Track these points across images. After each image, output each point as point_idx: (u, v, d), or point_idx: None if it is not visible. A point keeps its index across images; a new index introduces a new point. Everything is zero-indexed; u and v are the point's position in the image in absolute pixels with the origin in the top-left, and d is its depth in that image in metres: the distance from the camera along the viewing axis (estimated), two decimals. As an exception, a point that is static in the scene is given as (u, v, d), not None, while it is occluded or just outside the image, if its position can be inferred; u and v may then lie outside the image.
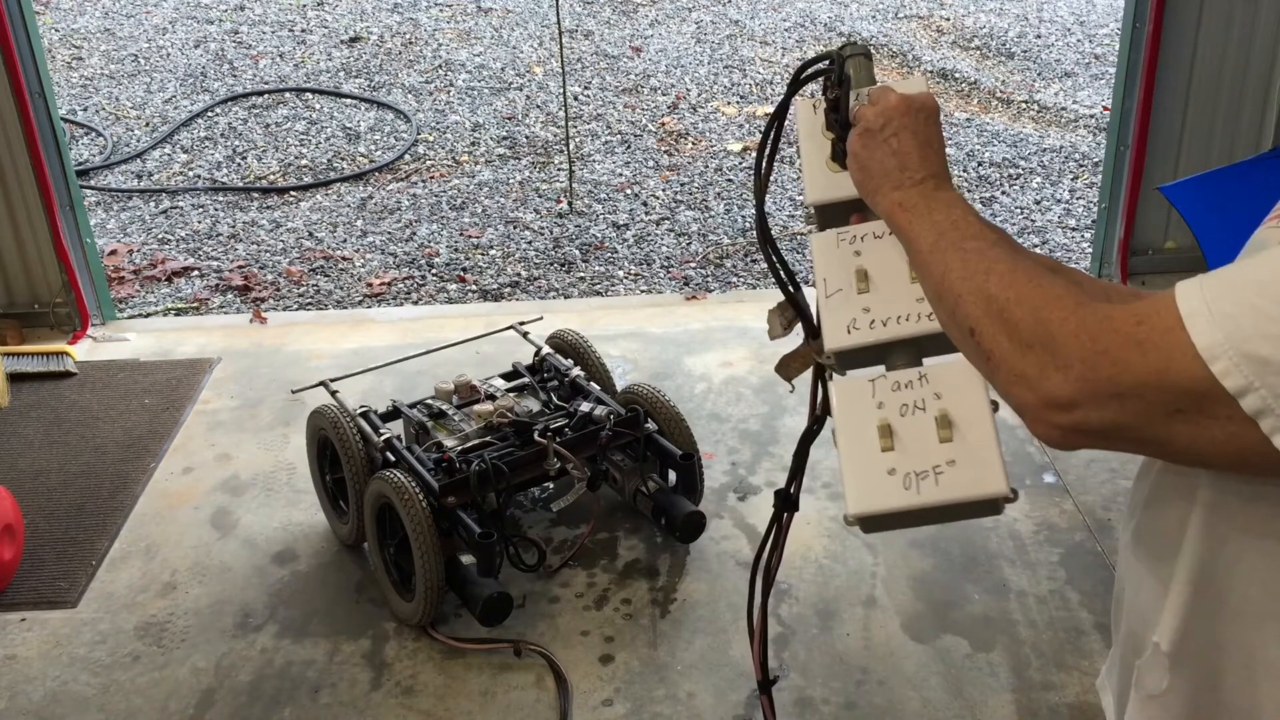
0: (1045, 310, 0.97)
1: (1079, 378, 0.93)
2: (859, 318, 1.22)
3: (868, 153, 1.21)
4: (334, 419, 3.05)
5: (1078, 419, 0.94)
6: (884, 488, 1.13)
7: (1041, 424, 0.97)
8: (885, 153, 1.19)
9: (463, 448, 2.94)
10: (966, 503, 1.13)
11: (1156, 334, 0.90)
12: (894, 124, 1.19)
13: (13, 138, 4.01)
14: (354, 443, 3.00)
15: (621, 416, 3.02)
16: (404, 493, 2.74)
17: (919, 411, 1.15)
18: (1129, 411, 0.92)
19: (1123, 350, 0.91)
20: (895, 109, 1.20)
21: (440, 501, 2.76)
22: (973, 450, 1.12)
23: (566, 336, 3.42)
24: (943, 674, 2.71)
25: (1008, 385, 0.99)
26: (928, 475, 1.12)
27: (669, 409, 3.10)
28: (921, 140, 1.19)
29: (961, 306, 1.04)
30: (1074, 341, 0.94)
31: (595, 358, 3.35)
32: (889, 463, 1.14)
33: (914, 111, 1.20)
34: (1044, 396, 0.95)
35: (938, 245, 1.09)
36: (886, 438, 1.14)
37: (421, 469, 2.85)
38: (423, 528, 2.71)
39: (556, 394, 3.17)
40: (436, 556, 2.72)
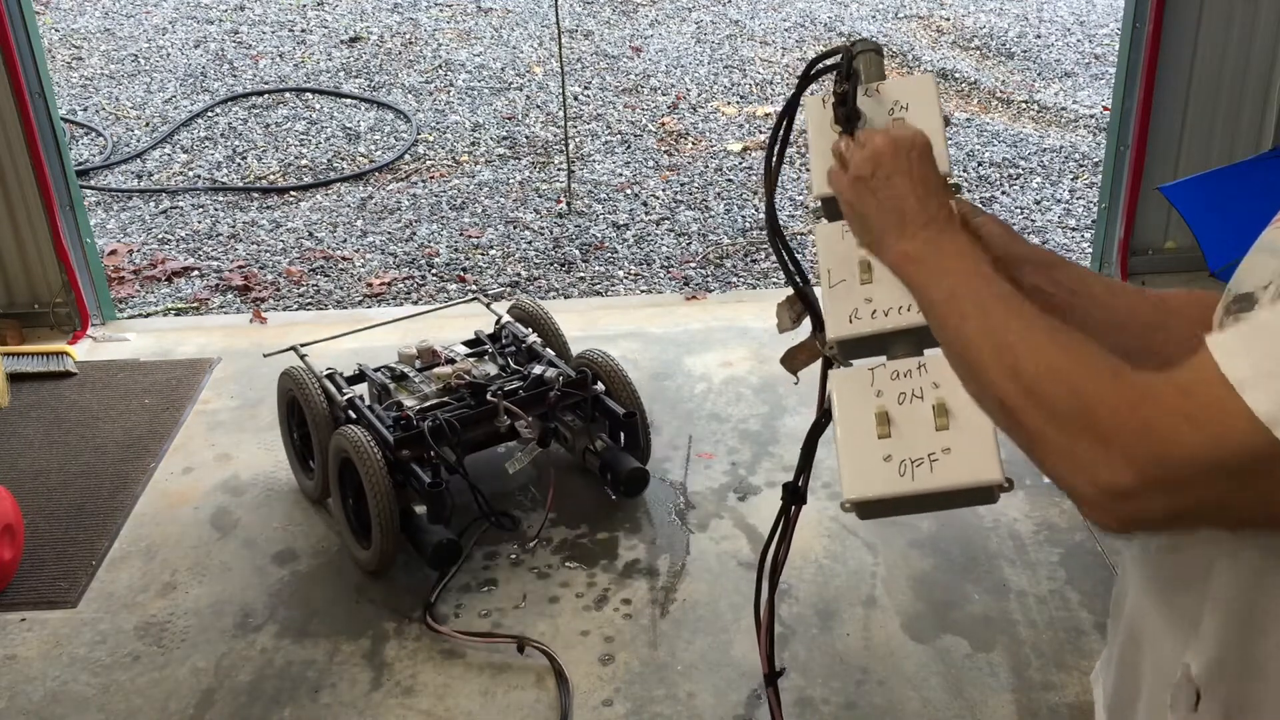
0: (1081, 383, 0.91)
1: (1132, 462, 0.87)
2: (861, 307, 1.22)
3: (862, 202, 1.14)
4: (300, 380, 3.26)
5: (1139, 507, 0.88)
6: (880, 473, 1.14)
7: (1099, 512, 0.91)
8: (881, 202, 1.13)
9: (420, 407, 3.14)
10: (961, 490, 1.14)
11: (1207, 406, 0.85)
12: (885, 168, 1.13)
13: (13, 138, 4.01)
14: (318, 401, 3.20)
15: (570, 378, 3.22)
16: (361, 447, 2.92)
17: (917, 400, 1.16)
18: (1191, 491, 0.87)
19: (1174, 428, 0.86)
20: (884, 153, 1.14)
21: (395, 455, 2.95)
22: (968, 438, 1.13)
23: (526, 307, 3.61)
24: (943, 674, 2.71)
25: (1056, 471, 0.93)
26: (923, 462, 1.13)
27: (618, 373, 3.30)
28: (917, 183, 1.12)
29: (987, 376, 0.98)
30: (1119, 422, 0.87)
31: (553, 327, 3.54)
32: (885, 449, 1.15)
33: (904, 153, 1.14)
34: (1100, 485, 0.88)
35: (952, 304, 1.04)
36: (884, 425, 1.15)
37: (380, 425, 3.03)
38: (377, 479, 2.89)
39: (514, 359, 3.36)
40: (391, 506, 2.90)
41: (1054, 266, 1.23)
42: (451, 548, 2.92)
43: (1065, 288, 1.21)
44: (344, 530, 3.11)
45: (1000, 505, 3.20)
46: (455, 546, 2.93)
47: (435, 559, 2.92)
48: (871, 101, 1.30)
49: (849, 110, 1.27)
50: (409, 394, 3.22)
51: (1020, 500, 3.25)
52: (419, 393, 3.22)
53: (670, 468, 3.45)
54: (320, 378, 3.27)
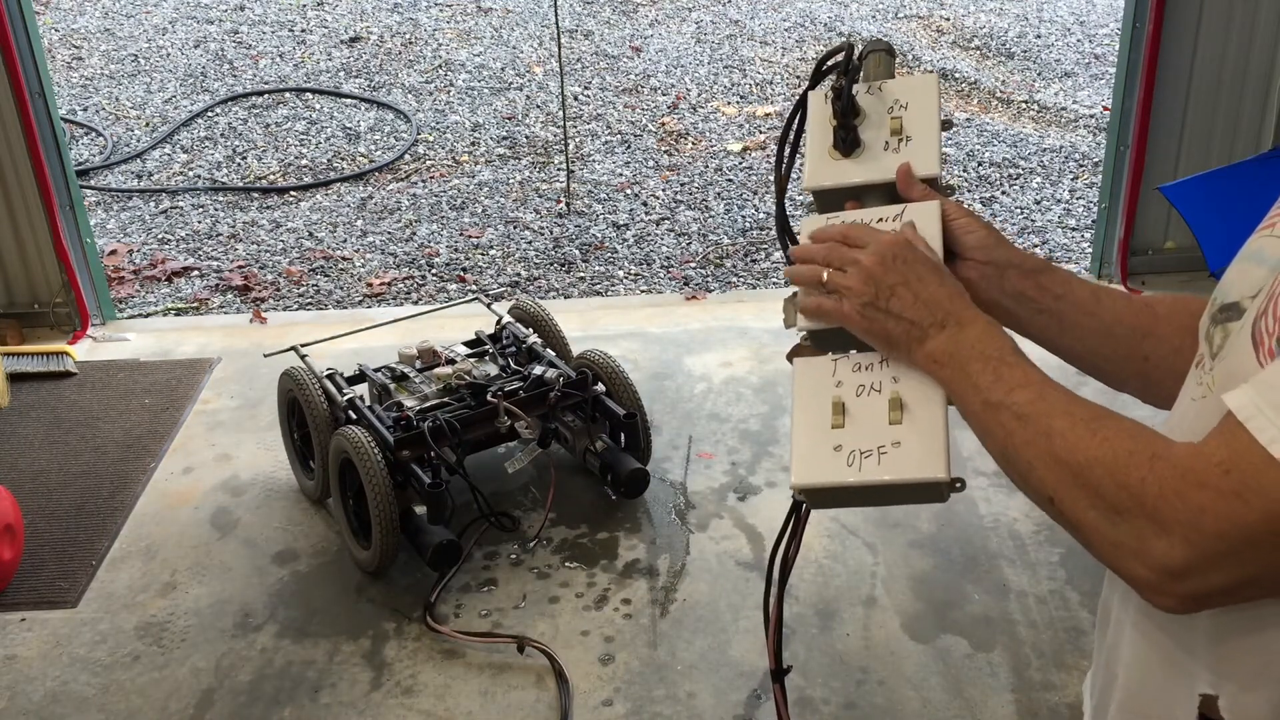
0: (1123, 472, 0.92)
1: (1184, 541, 0.88)
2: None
3: (880, 325, 1.14)
4: (301, 380, 3.25)
5: (1198, 585, 0.90)
6: (828, 462, 1.14)
7: (1161, 595, 0.92)
8: (894, 318, 1.13)
9: (421, 407, 3.14)
10: (907, 484, 1.13)
11: (1250, 478, 0.86)
12: (885, 288, 1.13)
13: (13, 138, 4.01)
14: (319, 402, 3.20)
15: (571, 379, 3.21)
16: (361, 447, 2.92)
17: (874, 393, 1.16)
18: (1247, 563, 0.88)
19: (1222, 505, 0.87)
20: (874, 274, 1.13)
21: (395, 455, 2.95)
22: (919, 434, 1.13)
23: (527, 307, 3.60)
24: (943, 674, 2.71)
25: (1112, 559, 0.94)
26: (871, 454, 1.13)
27: (618, 373, 3.30)
28: (916, 288, 1.12)
29: (1035, 474, 1.00)
30: (1166, 505, 0.89)
31: (554, 327, 3.54)
32: (837, 439, 1.15)
33: (893, 263, 1.13)
34: (1156, 568, 0.90)
35: (989, 407, 1.05)
36: (839, 415, 1.16)
37: (380, 426, 3.03)
38: (378, 480, 2.89)
39: (514, 359, 3.35)
40: (391, 507, 2.90)
41: (1040, 272, 1.22)
42: (451, 548, 2.93)
43: (1051, 293, 1.21)
44: (344, 530, 3.12)
45: (1000, 505, 3.21)
46: (455, 547, 2.94)
47: (435, 559, 2.92)
48: (872, 99, 1.30)
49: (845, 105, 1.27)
50: (409, 394, 3.23)
51: (1020, 500, 3.25)
52: (419, 393, 3.22)
53: (670, 468, 3.45)
54: (320, 378, 3.27)
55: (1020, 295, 1.21)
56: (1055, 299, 1.21)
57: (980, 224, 1.23)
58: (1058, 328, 1.22)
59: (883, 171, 1.27)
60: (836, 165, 1.30)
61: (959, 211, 1.23)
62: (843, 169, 1.29)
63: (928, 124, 1.27)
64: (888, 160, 1.27)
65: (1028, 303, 1.21)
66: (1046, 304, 1.21)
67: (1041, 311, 1.21)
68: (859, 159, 1.28)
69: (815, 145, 1.31)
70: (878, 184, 1.27)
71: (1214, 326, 1.02)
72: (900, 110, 1.29)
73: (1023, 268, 1.21)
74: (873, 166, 1.28)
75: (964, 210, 1.24)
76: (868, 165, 1.28)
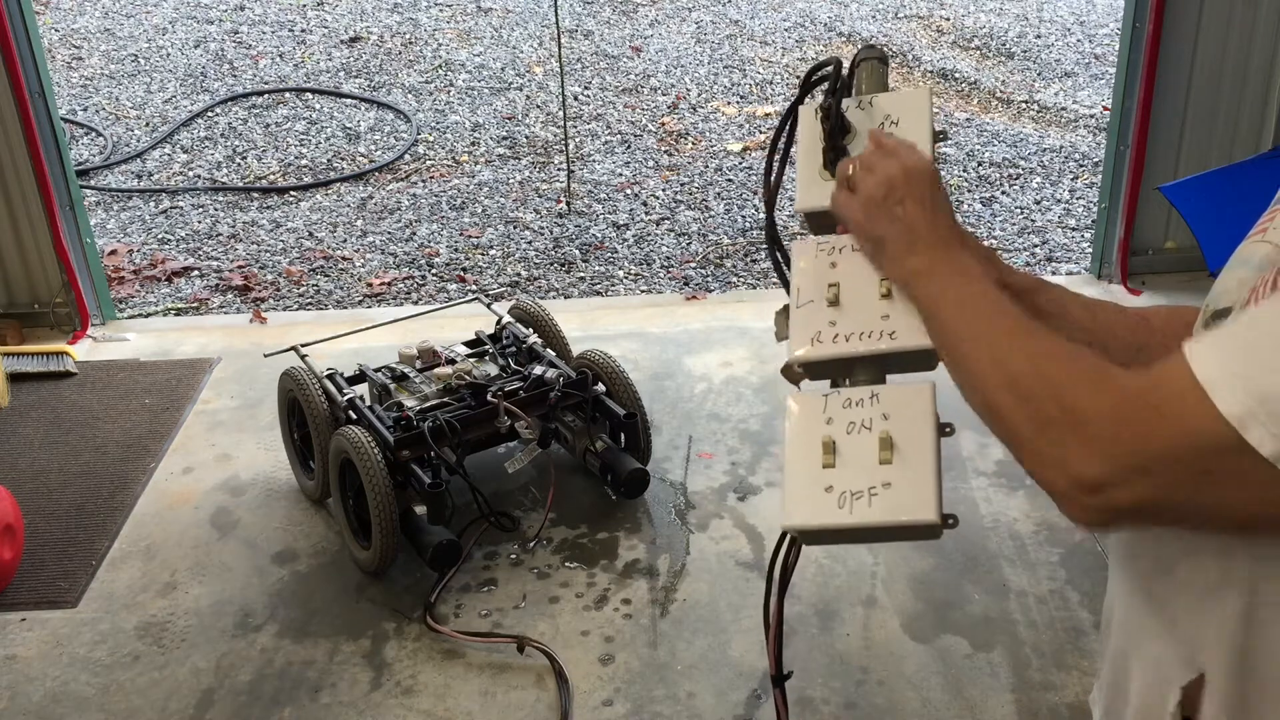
0: (1064, 388, 0.96)
1: (1103, 453, 0.92)
2: (824, 330, 1.21)
3: (874, 224, 1.18)
4: (301, 380, 3.25)
5: (1110, 498, 0.92)
6: (819, 503, 1.13)
7: (1074, 506, 0.95)
8: (894, 224, 1.16)
9: (421, 407, 3.14)
10: (898, 526, 1.13)
11: (1174, 399, 0.89)
12: (897, 192, 1.17)
13: (13, 138, 4.01)
14: (319, 402, 3.20)
15: (571, 379, 3.21)
16: (361, 447, 2.92)
17: (865, 431, 1.15)
18: (1158, 484, 0.91)
19: (1143, 419, 0.90)
20: (894, 178, 1.17)
21: (395, 455, 2.96)
22: (909, 475, 1.12)
23: (527, 307, 3.60)
24: (943, 674, 2.71)
25: (1033, 467, 0.98)
26: (862, 495, 1.13)
27: (618, 373, 3.30)
28: (927, 207, 1.16)
29: (980, 382, 1.03)
30: (1094, 417, 0.93)
31: (554, 327, 3.53)
32: (828, 479, 1.14)
33: (915, 178, 1.17)
34: (1072, 478, 0.94)
35: (955, 317, 1.09)
36: (829, 454, 1.15)
37: (380, 425, 3.03)
38: (378, 480, 2.89)
39: (514, 360, 3.35)
40: (391, 507, 2.90)
41: (1035, 291, 1.23)
42: (451, 548, 2.93)
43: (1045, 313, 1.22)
44: (344, 530, 3.12)
45: (1000, 505, 3.22)
46: (455, 547, 2.94)
47: (435, 559, 2.92)
48: (864, 114, 1.28)
49: (833, 125, 1.26)
50: (409, 394, 3.22)
51: (1020, 500, 3.25)
52: (419, 393, 3.22)
53: (670, 468, 3.45)
54: (321, 378, 3.27)
55: None
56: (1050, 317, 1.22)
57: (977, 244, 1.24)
58: None
59: None
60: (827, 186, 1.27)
61: None
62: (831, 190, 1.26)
63: (920, 139, 1.25)
64: None
65: None
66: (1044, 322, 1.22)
67: None
68: None
69: (805, 164, 1.30)
70: None
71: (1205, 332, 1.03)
72: (891, 127, 1.27)
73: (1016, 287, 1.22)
74: None
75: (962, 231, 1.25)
76: None
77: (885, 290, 1.20)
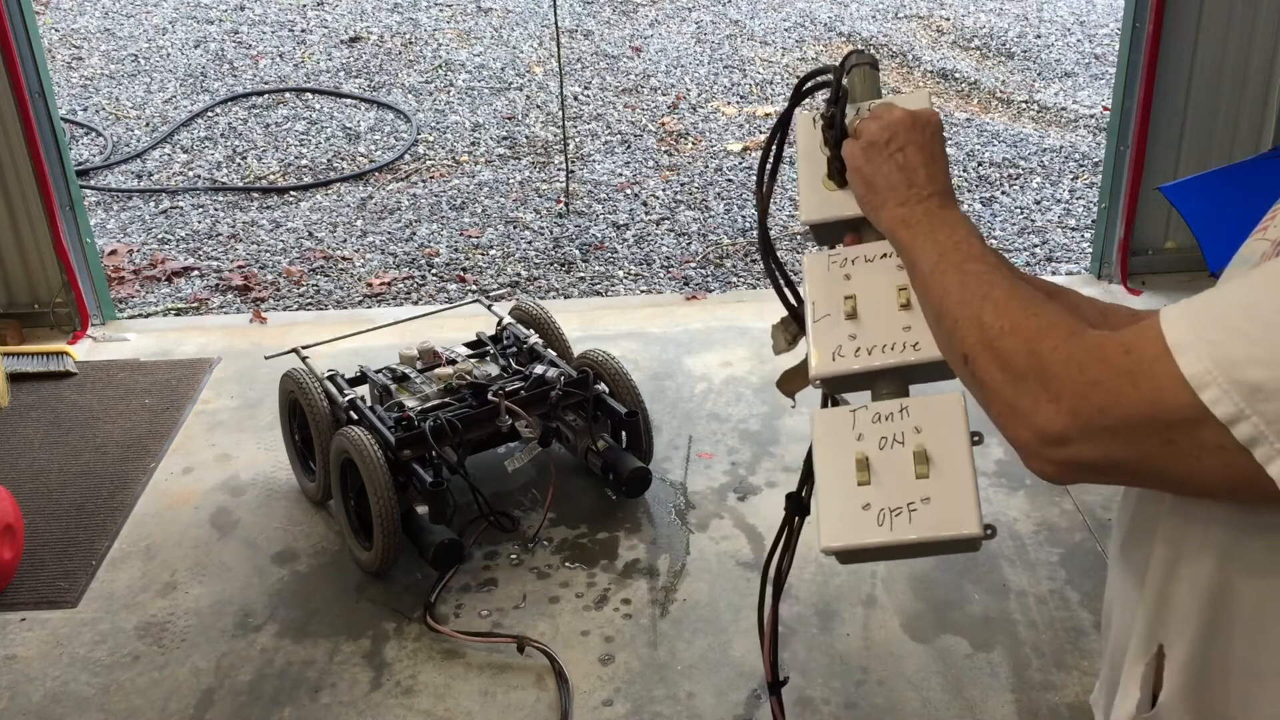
0: (1037, 341, 0.96)
1: (1070, 410, 0.92)
2: (844, 345, 1.20)
3: (872, 167, 1.18)
4: (302, 381, 3.25)
5: (1072, 454, 0.93)
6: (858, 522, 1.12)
7: (1036, 459, 0.96)
8: (891, 167, 1.17)
9: (422, 407, 3.13)
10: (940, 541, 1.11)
11: (1145, 363, 0.89)
12: (900, 138, 1.17)
13: (13, 138, 4.01)
14: (320, 403, 3.19)
15: (572, 378, 3.21)
16: (362, 448, 2.92)
17: (898, 445, 1.13)
18: (1122, 444, 0.91)
19: (1113, 380, 0.91)
20: (900, 123, 1.18)
21: (397, 455, 2.95)
22: (948, 488, 1.10)
23: (528, 308, 3.61)
24: (943, 674, 2.71)
25: (1000, 418, 0.98)
26: (901, 512, 1.11)
27: (619, 373, 3.29)
28: (928, 156, 1.17)
29: (957, 332, 1.04)
30: (1064, 373, 0.93)
31: (555, 328, 3.53)
32: (865, 497, 1.12)
33: (920, 126, 1.18)
34: (1036, 431, 0.94)
35: (938, 266, 1.09)
36: (864, 471, 1.13)
37: (381, 426, 3.02)
38: (379, 480, 2.89)
39: (515, 360, 3.34)
40: (393, 507, 2.89)
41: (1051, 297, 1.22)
42: (454, 547, 2.92)
43: None
44: (345, 531, 3.11)
45: (1000, 505, 3.21)
46: (457, 546, 2.94)
47: (438, 559, 2.92)
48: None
49: (837, 134, 1.24)
50: (410, 395, 3.22)
51: (1020, 500, 3.25)
52: (420, 393, 3.22)
53: (670, 468, 3.45)
54: (322, 379, 3.27)
55: None
56: None
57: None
58: None
59: None
60: (832, 197, 1.26)
61: None
62: (839, 200, 1.26)
63: None
64: None
65: None
66: None
67: None
68: None
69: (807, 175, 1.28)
70: None
71: None
72: None
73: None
74: None
75: None
76: None
77: (904, 300, 1.19)
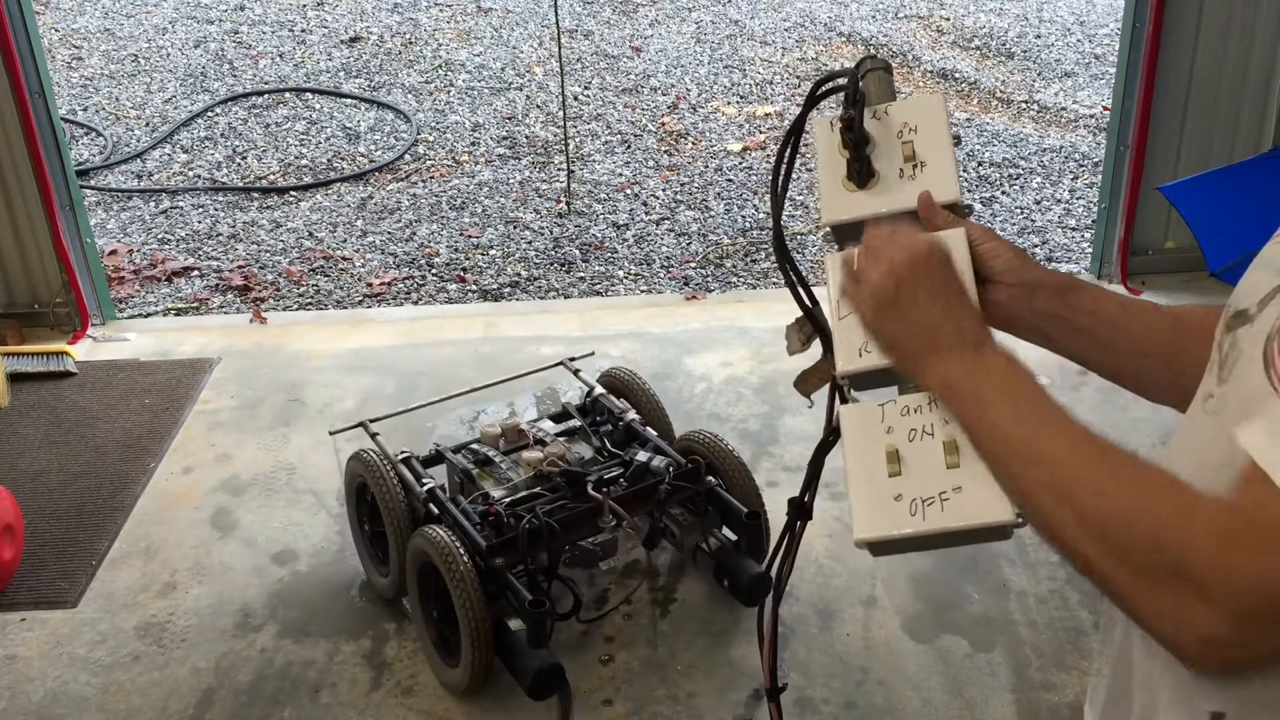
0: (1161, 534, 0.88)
1: (1226, 610, 0.84)
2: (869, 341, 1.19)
3: (888, 327, 1.09)
4: (374, 466, 2.86)
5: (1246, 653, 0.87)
6: (891, 513, 1.12)
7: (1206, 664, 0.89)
8: (908, 325, 1.08)
9: (511, 499, 2.76)
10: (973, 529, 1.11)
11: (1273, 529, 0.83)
12: (908, 287, 1.07)
13: (13, 138, 4.00)
14: (395, 493, 2.82)
15: (681, 468, 2.81)
16: (448, 553, 2.56)
17: (927, 437, 1.13)
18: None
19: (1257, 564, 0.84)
20: (903, 268, 1.08)
21: (487, 561, 2.58)
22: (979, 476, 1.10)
23: (620, 375, 3.24)
24: (943, 674, 2.71)
25: (1149, 623, 0.90)
26: (934, 501, 1.11)
27: (732, 458, 2.92)
28: (942, 298, 1.07)
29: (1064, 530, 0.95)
30: (1206, 570, 0.85)
31: (650, 398, 3.17)
32: (896, 488, 1.13)
33: (924, 266, 1.08)
34: (1200, 637, 0.86)
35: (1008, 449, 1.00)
36: (894, 463, 1.13)
37: (467, 524, 2.67)
38: (468, 591, 2.53)
39: (610, 439, 2.99)
40: (484, 622, 2.54)
41: (1069, 290, 1.19)
42: (555, 674, 2.52)
43: (1082, 311, 1.19)
44: (424, 644, 2.77)
45: (1000, 505, 3.21)
46: (559, 672, 2.53)
47: (536, 688, 2.51)
48: (879, 124, 1.26)
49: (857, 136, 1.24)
50: (495, 482, 2.84)
51: (1020, 500, 3.24)
52: (507, 481, 2.83)
53: (670, 468, 3.44)
54: (395, 462, 2.88)
55: (1051, 315, 1.19)
56: (1086, 316, 1.19)
57: (1006, 246, 1.22)
58: (1090, 345, 1.20)
59: (902, 201, 1.23)
60: (852, 197, 1.26)
61: (984, 235, 1.21)
62: (859, 201, 1.26)
63: (941, 146, 1.24)
64: (906, 189, 1.24)
65: (1060, 322, 1.19)
66: (1080, 323, 1.19)
67: (1075, 330, 1.19)
68: (875, 190, 1.25)
69: (828, 177, 1.28)
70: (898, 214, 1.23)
71: (1225, 334, 1.01)
72: (910, 134, 1.25)
73: (1053, 287, 1.19)
74: (891, 197, 1.24)
75: (989, 233, 1.22)
76: (885, 196, 1.25)
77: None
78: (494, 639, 2.57)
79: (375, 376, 3.87)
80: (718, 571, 2.81)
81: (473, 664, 2.57)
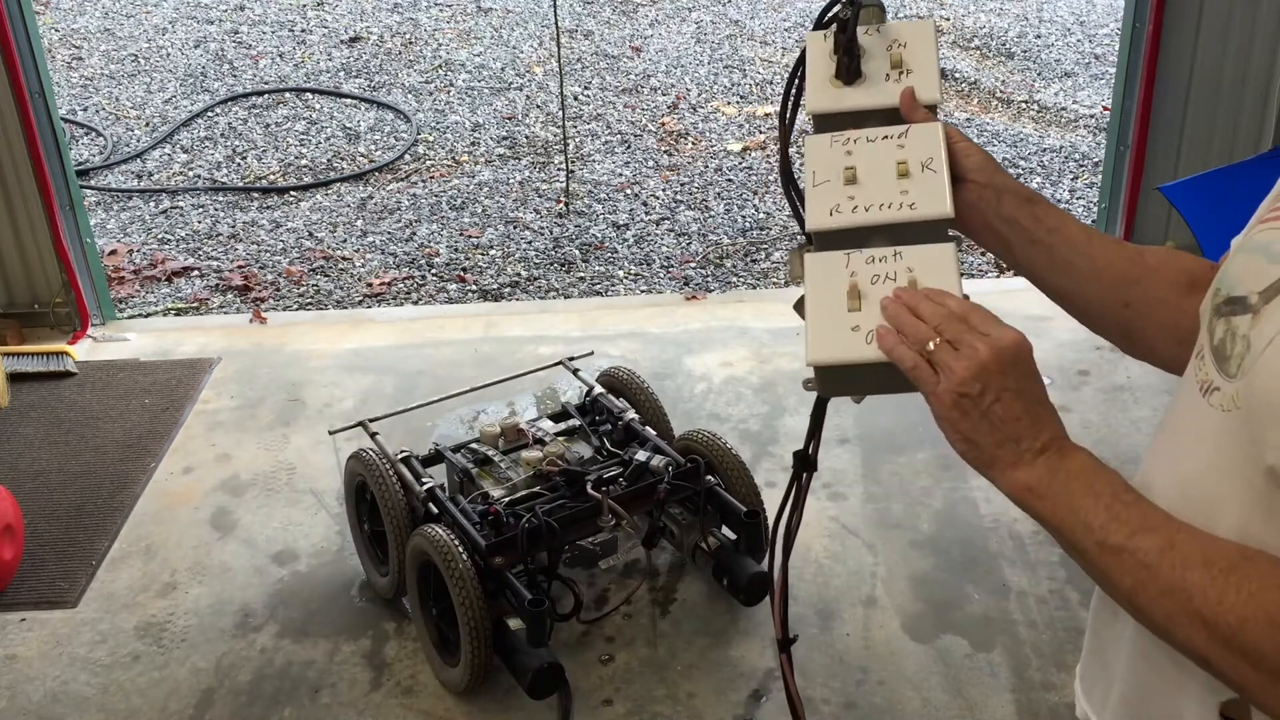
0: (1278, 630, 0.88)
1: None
2: (843, 203, 1.23)
3: (969, 424, 1.04)
4: (373, 465, 2.86)
5: None
6: (846, 340, 1.14)
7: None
8: (991, 424, 1.03)
9: (510, 499, 2.76)
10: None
11: None
12: (993, 388, 1.03)
13: (13, 138, 4.00)
14: (394, 493, 2.82)
15: (681, 467, 2.82)
16: (447, 552, 2.56)
17: (889, 281, 1.16)
18: None
19: None
20: (989, 368, 1.03)
21: (487, 560, 2.58)
22: None
23: (619, 375, 3.24)
24: (943, 674, 2.71)
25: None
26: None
27: (731, 457, 2.92)
28: (1027, 400, 1.03)
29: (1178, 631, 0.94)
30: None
31: (650, 397, 3.17)
32: (854, 320, 1.15)
33: (1009, 368, 1.03)
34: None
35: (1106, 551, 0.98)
36: (855, 299, 1.16)
37: (466, 523, 2.66)
38: (468, 591, 2.53)
39: (609, 438, 3.00)
40: (484, 621, 2.54)
41: (1035, 202, 1.22)
42: (555, 673, 2.53)
43: (1044, 225, 1.20)
44: (424, 643, 2.79)
45: (1000, 505, 3.21)
46: (559, 671, 2.54)
47: (535, 687, 2.52)
48: (872, 40, 1.33)
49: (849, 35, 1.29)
50: (494, 481, 2.85)
51: (1020, 500, 3.24)
52: (506, 480, 2.84)
53: (670, 468, 3.45)
54: (395, 461, 2.89)
55: (1015, 222, 1.21)
56: (1048, 231, 1.20)
57: (979, 149, 1.24)
58: (1047, 262, 1.21)
59: (885, 97, 1.29)
60: (838, 92, 1.32)
61: (958, 135, 1.24)
62: (845, 95, 1.31)
63: (927, 57, 1.30)
64: (890, 88, 1.29)
65: (1021, 231, 1.21)
66: (1039, 235, 1.20)
67: (1034, 243, 1.21)
68: (861, 87, 1.31)
69: (816, 75, 1.34)
70: (880, 110, 1.29)
71: (1216, 318, 1.00)
72: (899, 48, 1.31)
73: (1019, 195, 1.21)
74: (875, 92, 1.30)
75: (963, 135, 1.25)
76: (870, 91, 1.30)
77: (903, 170, 1.21)
78: (494, 638, 2.57)
79: (375, 376, 3.87)
80: (717, 571, 2.83)
81: (472, 663, 2.57)
